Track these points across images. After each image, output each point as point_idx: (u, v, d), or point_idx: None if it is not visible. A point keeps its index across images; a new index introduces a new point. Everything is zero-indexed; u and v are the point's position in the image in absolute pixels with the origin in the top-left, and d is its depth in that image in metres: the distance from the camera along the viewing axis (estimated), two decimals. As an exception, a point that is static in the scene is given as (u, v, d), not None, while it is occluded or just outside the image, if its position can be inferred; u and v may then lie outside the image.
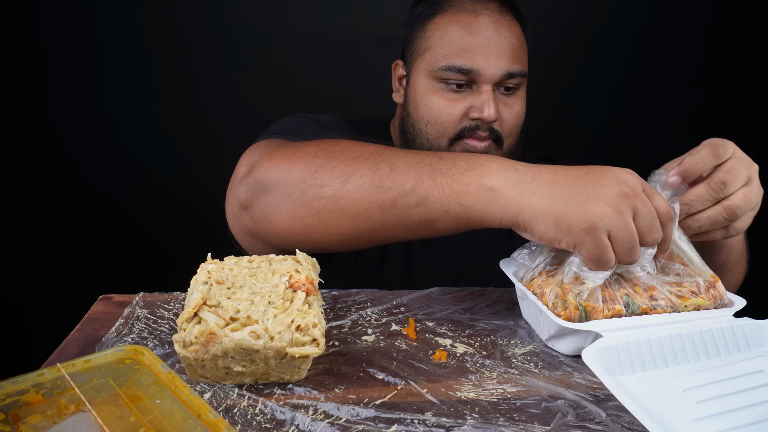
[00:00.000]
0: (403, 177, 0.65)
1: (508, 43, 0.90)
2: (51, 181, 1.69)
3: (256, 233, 0.75)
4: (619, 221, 0.58)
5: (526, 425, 0.51)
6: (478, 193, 0.63)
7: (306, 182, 0.69)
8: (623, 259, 0.60)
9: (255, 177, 0.72)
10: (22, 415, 0.45)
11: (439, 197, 0.64)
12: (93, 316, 0.71)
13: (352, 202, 0.67)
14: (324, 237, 0.70)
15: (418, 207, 0.65)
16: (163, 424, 0.44)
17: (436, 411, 0.53)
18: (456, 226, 0.66)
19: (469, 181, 0.63)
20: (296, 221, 0.70)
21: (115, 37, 1.61)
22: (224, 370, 0.55)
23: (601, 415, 0.53)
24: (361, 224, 0.67)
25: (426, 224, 0.66)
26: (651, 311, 0.61)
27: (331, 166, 0.68)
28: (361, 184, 0.67)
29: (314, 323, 0.55)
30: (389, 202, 0.65)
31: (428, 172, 0.65)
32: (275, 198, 0.70)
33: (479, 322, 0.70)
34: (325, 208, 0.68)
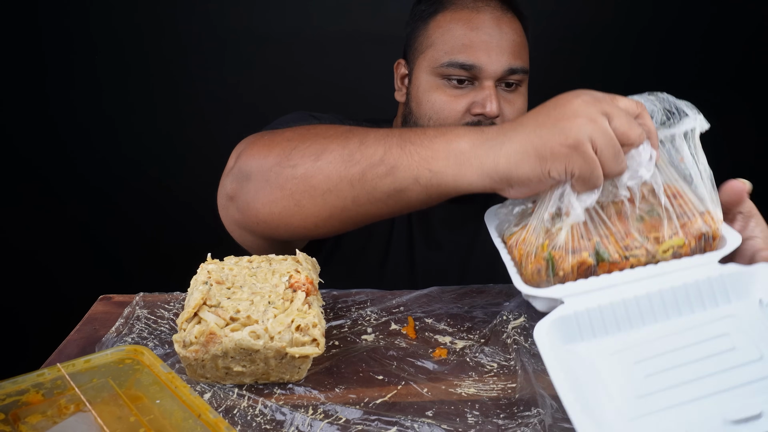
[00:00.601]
0: (372, 149, 0.65)
1: (509, 40, 0.90)
2: (50, 181, 1.69)
3: (242, 223, 0.76)
4: (597, 127, 0.55)
5: (525, 419, 0.51)
6: (447, 156, 0.61)
7: (281, 165, 0.69)
8: (611, 168, 0.56)
9: (238, 167, 0.73)
10: (22, 415, 0.46)
11: (408, 165, 0.63)
12: (93, 316, 0.71)
13: (323, 178, 0.66)
14: (300, 220, 0.70)
15: (387, 177, 0.64)
16: (163, 424, 0.44)
17: (437, 410, 0.53)
18: (427, 195, 0.64)
19: (437, 146, 0.62)
20: (273, 205, 0.70)
21: (114, 36, 1.61)
22: (224, 370, 0.55)
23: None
24: (332, 201, 0.67)
25: (396, 195, 0.64)
26: (623, 262, 0.56)
27: (304, 147, 0.69)
28: (331, 160, 0.66)
29: (314, 323, 0.55)
30: (358, 174, 0.65)
31: (397, 142, 0.64)
32: (255, 184, 0.71)
33: (478, 315, 0.70)
34: (298, 188, 0.68)
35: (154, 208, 1.72)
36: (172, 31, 1.63)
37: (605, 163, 0.56)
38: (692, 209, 0.58)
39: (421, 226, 0.98)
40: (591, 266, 0.56)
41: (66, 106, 1.64)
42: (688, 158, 0.61)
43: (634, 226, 0.58)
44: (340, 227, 0.71)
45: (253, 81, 1.67)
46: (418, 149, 0.63)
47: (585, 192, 0.57)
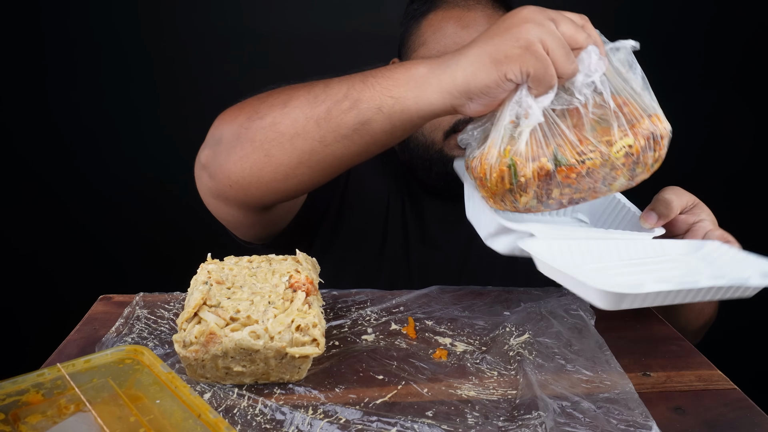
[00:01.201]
0: (336, 88, 0.66)
1: None
2: (51, 180, 1.69)
3: (215, 190, 0.76)
4: (545, 29, 0.57)
5: (525, 421, 0.51)
6: (408, 81, 0.63)
7: (250, 118, 0.71)
8: (564, 68, 0.58)
9: (210, 134, 0.75)
10: (22, 415, 0.45)
11: (371, 95, 0.64)
12: (93, 316, 0.71)
13: (290, 123, 0.68)
14: (271, 172, 0.70)
15: (351, 110, 0.65)
16: (163, 424, 0.44)
17: (437, 410, 0.53)
18: (390, 123, 0.64)
19: (398, 74, 0.64)
20: (244, 161, 0.71)
21: (115, 37, 1.61)
22: (224, 370, 0.55)
23: (593, 410, 0.53)
24: (300, 145, 0.67)
25: (361, 128, 0.65)
26: (580, 166, 0.59)
27: (272, 99, 0.71)
28: (297, 104, 0.68)
29: (314, 323, 0.55)
30: (324, 113, 0.66)
31: (360, 78, 0.66)
32: (226, 145, 0.72)
33: (478, 320, 0.70)
34: (267, 137, 0.69)
35: (154, 208, 1.72)
36: (174, 31, 1.63)
37: (557, 62, 0.57)
38: (640, 113, 0.60)
39: (416, 224, 0.98)
40: (550, 171, 0.59)
41: (66, 106, 1.64)
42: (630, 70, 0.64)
43: (589, 132, 0.60)
44: (310, 176, 0.71)
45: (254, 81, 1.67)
46: (380, 80, 0.64)
47: (541, 93, 0.59)
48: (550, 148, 0.59)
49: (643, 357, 0.63)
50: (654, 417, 0.52)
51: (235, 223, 0.82)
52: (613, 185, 0.61)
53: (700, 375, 0.60)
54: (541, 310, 0.71)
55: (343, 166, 0.70)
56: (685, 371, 0.61)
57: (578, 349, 0.63)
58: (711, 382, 0.59)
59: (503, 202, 0.62)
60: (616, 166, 0.59)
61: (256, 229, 0.86)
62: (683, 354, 0.64)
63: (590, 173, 0.59)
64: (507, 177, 0.60)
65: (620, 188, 0.62)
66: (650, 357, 0.63)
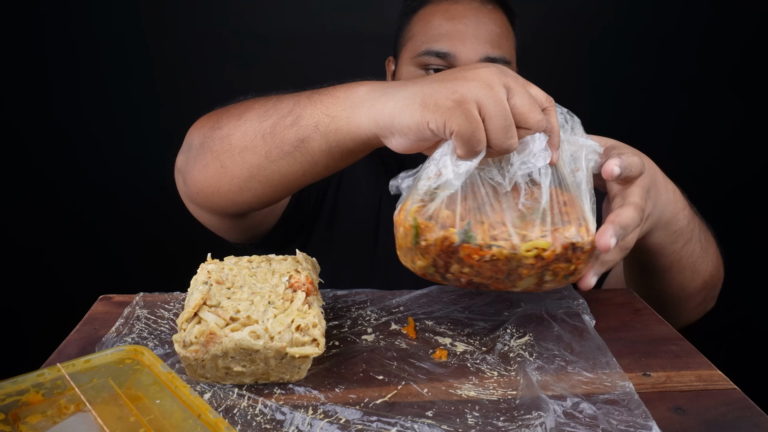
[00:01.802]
0: (285, 103, 0.67)
1: (487, 30, 0.91)
2: (53, 180, 1.69)
3: (188, 195, 0.78)
4: (489, 93, 0.53)
5: (526, 421, 0.51)
6: (345, 101, 0.62)
7: (212, 128, 0.72)
8: (497, 140, 0.54)
9: (185, 141, 0.77)
10: (22, 415, 0.45)
11: (311, 113, 0.64)
12: (93, 316, 0.71)
13: (240, 135, 0.69)
14: (227, 183, 0.71)
15: (293, 126, 0.65)
16: (163, 424, 0.44)
17: (437, 410, 0.53)
18: (326, 142, 0.64)
19: (339, 93, 0.63)
20: (206, 170, 0.72)
21: (117, 37, 1.61)
22: (224, 370, 0.55)
23: (593, 410, 0.53)
24: (249, 158, 0.68)
25: (300, 145, 0.65)
26: (485, 250, 0.54)
27: (233, 110, 0.72)
28: (249, 117, 0.69)
29: (314, 323, 0.55)
30: (270, 128, 0.67)
31: (307, 95, 0.66)
32: (194, 152, 0.74)
33: (478, 321, 0.70)
34: (222, 147, 0.70)
35: (155, 207, 1.72)
36: (176, 31, 1.63)
37: (491, 131, 0.54)
38: (572, 218, 0.56)
39: None
40: (454, 244, 0.54)
41: (69, 106, 1.64)
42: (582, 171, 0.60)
43: (512, 219, 0.55)
44: (262, 190, 0.71)
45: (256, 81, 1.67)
46: (323, 98, 0.64)
47: (465, 157, 0.55)
48: (464, 220, 0.55)
49: (643, 357, 0.63)
50: (654, 417, 0.52)
51: (213, 226, 0.85)
52: (517, 284, 0.56)
53: (700, 375, 0.60)
54: (541, 311, 0.71)
55: (292, 184, 0.70)
56: (685, 371, 0.61)
57: (579, 351, 0.63)
58: (711, 382, 0.59)
59: (405, 258, 0.59)
60: (523, 264, 0.54)
61: (235, 232, 0.87)
62: (683, 354, 0.64)
63: (494, 262, 0.54)
64: (410, 235, 0.56)
65: (526, 289, 0.57)
66: (650, 357, 0.63)
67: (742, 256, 1.72)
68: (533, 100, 0.55)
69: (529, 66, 1.62)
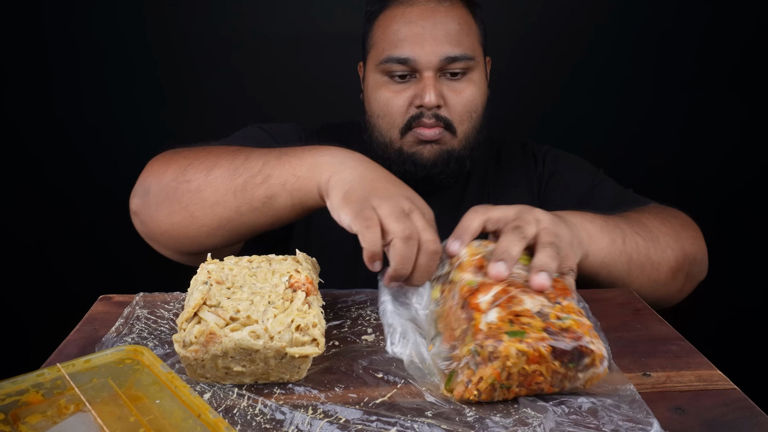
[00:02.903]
0: (254, 162, 0.72)
1: (445, 29, 0.90)
2: (55, 179, 1.69)
3: (147, 235, 0.82)
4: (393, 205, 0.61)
5: (525, 421, 0.51)
6: (311, 164, 0.69)
7: (177, 180, 0.76)
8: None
9: (140, 184, 0.81)
10: (22, 415, 0.45)
11: (280, 173, 0.70)
12: (93, 316, 0.71)
13: (212, 191, 0.73)
14: (195, 230, 0.75)
15: (262, 185, 0.71)
16: (163, 424, 0.44)
17: (437, 410, 0.53)
18: (291, 201, 0.70)
19: (305, 155, 0.70)
20: (172, 217, 0.76)
21: (120, 36, 1.61)
22: (224, 370, 0.55)
23: (593, 409, 0.53)
24: (219, 212, 0.73)
25: (268, 202, 0.71)
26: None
27: (197, 163, 0.76)
28: (219, 174, 0.74)
29: (314, 323, 0.55)
30: (240, 185, 0.72)
31: (276, 155, 0.72)
32: (154, 198, 0.78)
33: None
34: (192, 200, 0.75)
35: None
36: (178, 30, 1.63)
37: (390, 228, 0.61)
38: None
39: None
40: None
41: (72, 105, 1.64)
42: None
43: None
44: (229, 237, 0.77)
45: (257, 81, 1.67)
46: (291, 159, 0.71)
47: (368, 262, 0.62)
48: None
49: (643, 357, 0.63)
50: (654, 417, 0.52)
51: (173, 258, 0.86)
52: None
53: (700, 375, 0.60)
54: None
55: (256, 232, 0.76)
56: (685, 371, 0.61)
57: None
58: (711, 382, 0.59)
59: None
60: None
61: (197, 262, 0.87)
62: (683, 354, 0.64)
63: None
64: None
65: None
66: (650, 357, 0.63)
67: (742, 256, 1.72)
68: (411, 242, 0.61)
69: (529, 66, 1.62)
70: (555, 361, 0.52)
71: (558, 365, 0.53)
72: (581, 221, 0.73)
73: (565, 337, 0.53)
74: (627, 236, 0.78)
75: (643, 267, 0.79)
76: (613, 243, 0.76)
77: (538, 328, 0.54)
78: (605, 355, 0.54)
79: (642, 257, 0.79)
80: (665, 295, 0.84)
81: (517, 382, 0.53)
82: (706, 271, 0.88)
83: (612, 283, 0.79)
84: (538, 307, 0.56)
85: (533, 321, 0.54)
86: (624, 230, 0.78)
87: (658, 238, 0.81)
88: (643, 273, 0.79)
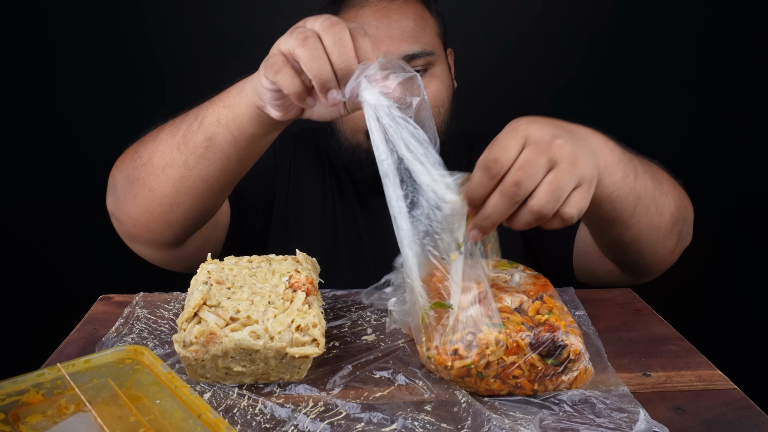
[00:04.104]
0: (191, 113, 0.73)
1: (399, 27, 0.89)
2: (56, 178, 1.69)
3: (126, 234, 0.81)
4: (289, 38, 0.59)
5: (524, 418, 0.51)
6: (237, 93, 0.68)
7: (132, 160, 0.76)
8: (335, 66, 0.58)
9: (109, 184, 0.81)
10: (22, 415, 0.46)
11: (212, 111, 0.70)
12: (93, 316, 0.71)
13: (159, 155, 0.73)
14: (158, 205, 0.74)
15: (199, 129, 0.71)
16: (163, 424, 0.44)
17: (436, 409, 0.53)
18: (230, 133, 0.69)
19: (232, 88, 0.70)
20: (137, 199, 0.75)
21: (122, 36, 1.61)
22: (224, 370, 0.55)
23: (585, 403, 0.53)
24: (171, 173, 0.72)
25: (210, 144, 0.70)
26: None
27: (147, 139, 0.77)
28: (163, 137, 0.74)
29: (314, 323, 0.55)
30: (181, 138, 0.72)
31: (210, 100, 0.72)
32: (120, 188, 0.78)
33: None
34: (146, 173, 0.74)
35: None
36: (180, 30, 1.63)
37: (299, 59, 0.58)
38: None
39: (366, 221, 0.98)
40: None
41: (74, 104, 1.64)
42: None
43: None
44: (192, 202, 0.75)
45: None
46: (221, 97, 0.71)
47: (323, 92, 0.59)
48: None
49: (643, 357, 0.63)
50: (654, 417, 0.52)
51: (158, 260, 0.85)
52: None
53: (700, 375, 0.60)
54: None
55: (215, 187, 0.74)
56: (685, 371, 0.61)
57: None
58: (711, 382, 0.59)
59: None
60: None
61: (181, 262, 0.87)
62: (683, 354, 0.64)
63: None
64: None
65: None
66: (650, 357, 0.63)
67: (742, 256, 1.72)
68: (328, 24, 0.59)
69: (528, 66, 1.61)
70: (533, 354, 0.54)
71: (536, 359, 0.54)
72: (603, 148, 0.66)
73: (541, 330, 0.55)
74: (638, 173, 0.72)
75: (648, 208, 0.73)
76: (626, 177, 0.69)
77: (516, 322, 0.55)
78: (581, 350, 0.55)
79: (648, 198, 0.73)
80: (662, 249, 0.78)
81: (494, 372, 0.54)
82: (691, 235, 0.83)
83: (613, 220, 0.72)
84: (517, 304, 0.57)
85: (512, 316, 0.56)
86: (636, 166, 0.72)
87: (662, 182, 0.76)
88: (647, 215, 0.74)
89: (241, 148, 0.71)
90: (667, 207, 0.76)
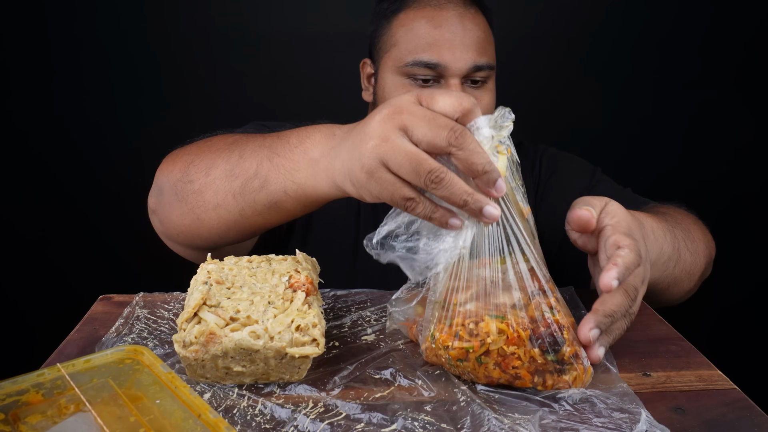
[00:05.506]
0: (248, 162, 0.67)
1: (474, 36, 0.89)
2: (56, 178, 1.69)
3: (166, 234, 0.80)
4: (387, 147, 0.52)
5: (523, 417, 0.51)
6: (306, 167, 0.63)
7: (182, 180, 0.73)
8: (418, 183, 0.53)
9: (155, 182, 0.78)
10: (22, 415, 0.46)
11: (276, 178, 0.65)
12: (93, 316, 0.71)
13: (212, 193, 0.70)
14: (206, 231, 0.73)
15: (261, 190, 0.66)
16: (163, 424, 0.44)
17: (436, 409, 0.53)
18: (300, 204, 0.66)
19: (298, 157, 0.64)
20: (183, 218, 0.74)
21: (122, 36, 1.62)
22: (224, 370, 0.55)
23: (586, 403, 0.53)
24: (223, 215, 0.70)
25: (273, 207, 0.67)
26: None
27: (198, 161, 0.72)
28: (217, 175, 0.70)
29: (314, 323, 0.55)
30: (239, 189, 0.68)
31: (267, 155, 0.66)
32: (166, 198, 0.75)
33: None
34: (196, 202, 0.71)
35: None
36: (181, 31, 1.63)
37: (407, 176, 0.53)
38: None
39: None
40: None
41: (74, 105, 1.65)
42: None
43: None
44: (242, 237, 0.74)
45: (260, 80, 1.68)
46: (283, 161, 0.65)
47: (431, 234, 0.57)
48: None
49: (643, 357, 0.63)
50: (654, 417, 0.52)
51: (189, 256, 0.85)
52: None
53: (700, 375, 0.60)
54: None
55: (269, 227, 0.73)
56: (685, 371, 0.61)
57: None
58: (711, 382, 0.59)
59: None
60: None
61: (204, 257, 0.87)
62: (683, 354, 0.64)
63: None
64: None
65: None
66: (650, 357, 0.63)
67: (742, 256, 1.72)
68: (435, 118, 0.53)
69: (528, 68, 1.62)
70: (533, 347, 0.54)
71: (537, 353, 0.54)
72: (656, 258, 0.67)
73: (539, 324, 0.55)
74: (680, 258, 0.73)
75: (680, 283, 0.75)
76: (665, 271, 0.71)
77: (517, 316, 0.56)
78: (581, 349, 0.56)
79: (684, 274, 0.75)
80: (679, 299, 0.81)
81: (494, 361, 0.55)
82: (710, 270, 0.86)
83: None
84: (515, 300, 0.58)
85: (512, 311, 0.57)
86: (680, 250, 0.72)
87: (698, 251, 0.77)
88: (678, 288, 0.76)
89: (309, 209, 0.68)
90: (696, 271, 0.78)
